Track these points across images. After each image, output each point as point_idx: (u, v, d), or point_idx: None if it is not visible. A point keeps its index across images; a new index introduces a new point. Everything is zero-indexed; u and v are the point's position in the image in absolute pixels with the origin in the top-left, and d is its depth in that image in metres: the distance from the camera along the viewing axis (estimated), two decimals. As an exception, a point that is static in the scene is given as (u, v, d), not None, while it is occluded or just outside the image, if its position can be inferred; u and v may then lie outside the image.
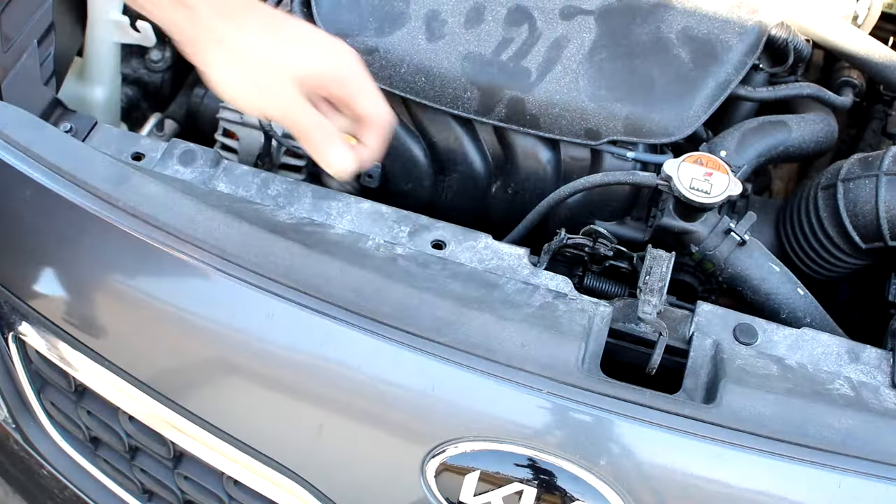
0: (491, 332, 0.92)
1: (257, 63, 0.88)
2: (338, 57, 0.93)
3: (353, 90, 0.93)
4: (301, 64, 0.90)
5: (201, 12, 0.87)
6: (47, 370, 1.17)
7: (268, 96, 0.89)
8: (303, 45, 0.91)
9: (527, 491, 0.91)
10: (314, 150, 0.92)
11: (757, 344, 0.97)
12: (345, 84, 0.93)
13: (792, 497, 0.88)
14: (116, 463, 1.23)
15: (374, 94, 0.95)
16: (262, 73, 0.88)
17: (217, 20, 0.87)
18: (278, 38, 0.90)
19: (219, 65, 0.89)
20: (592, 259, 1.09)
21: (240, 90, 0.89)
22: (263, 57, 0.88)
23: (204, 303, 1.00)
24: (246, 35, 0.88)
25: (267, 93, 0.89)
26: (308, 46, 0.92)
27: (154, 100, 1.59)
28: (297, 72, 0.90)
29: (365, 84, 0.95)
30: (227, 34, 0.87)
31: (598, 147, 1.14)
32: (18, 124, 1.07)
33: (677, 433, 0.88)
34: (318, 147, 0.92)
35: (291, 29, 0.91)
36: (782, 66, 1.24)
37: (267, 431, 1.01)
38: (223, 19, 0.87)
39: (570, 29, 1.16)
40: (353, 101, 0.94)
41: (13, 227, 1.09)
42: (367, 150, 0.96)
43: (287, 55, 0.90)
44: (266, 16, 0.91)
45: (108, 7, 1.44)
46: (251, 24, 0.89)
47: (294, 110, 0.90)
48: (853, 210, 1.12)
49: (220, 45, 0.88)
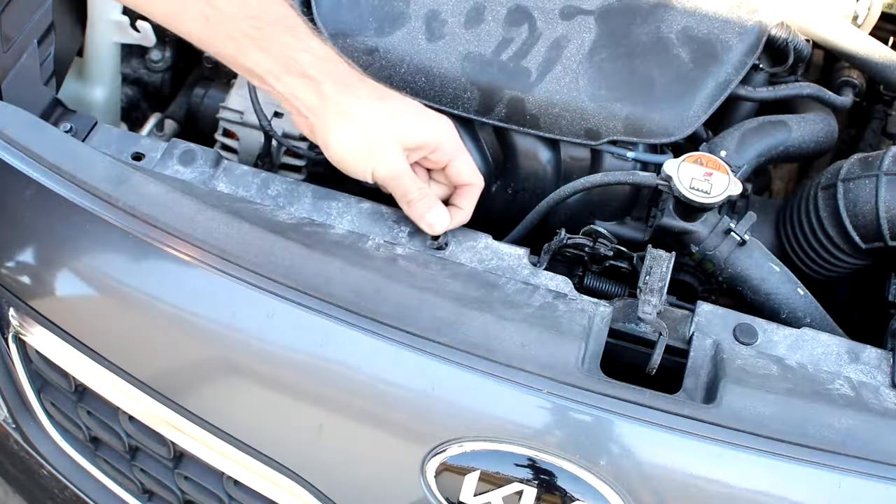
0: (491, 332, 0.92)
1: (373, 130, 0.98)
2: (438, 126, 1.03)
3: (450, 158, 1.04)
4: (408, 132, 1.00)
5: (325, 85, 0.97)
6: (47, 370, 1.17)
7: (380, 160, 0.99)
8: (408, 116, 1.01)
9: (527, 491, 0.91)
10: (416, 211, 1.02)
11: (757, 344, 0.97)
12: (444, 152, 1.03)
13: (792, 497, 0.88)
14: (116, 463, 1.23)
15: (469, 161, 1.06)
16: (375, 140, 0.98)
17: (338, 92, 0.97)
18: (387, 108, 0.99)
19: (338, 132, 0.98)
20: (592, 259, 1.09)
21: (355, 155, 0.99)
22: (378, 125, 0.98)
23: (204, 303, 1.00)
24: (362, 105, 0.98)
25: (380, 157, 0.99)
26: (413, 117, 1.02)
27: (154, 100, 1.59)
28: (405, 139, 1.00)
29: (461, 152, 1.05)
30: (346, 104, 0.97)
31: (598, 147, 1.14)
32: (18, 124, 1.07)
33: (677, 433, 0.88)
34: (420, 209, 1.02)
35: (395, 100, 1.01)
36: (782, 66, 1.24)
37: (267, 431, 1.01)
38: (343, 91, 0.98)
39: (570, 29, 1.16)
40: (450, 167, 1.04)
41: (13, 227, 1.09)
42: (462, 212, 1.06)
43: (397, 124, 1.00)
44: (374, 88, 1.01)
45: (108, 7, 1.44)
46: (365, 96, 0.99)
47: (402, 173, 1.00)
48: (853, 210, 1.12)
49: (340, 113, 0.97)
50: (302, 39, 0.98)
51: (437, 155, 1.03)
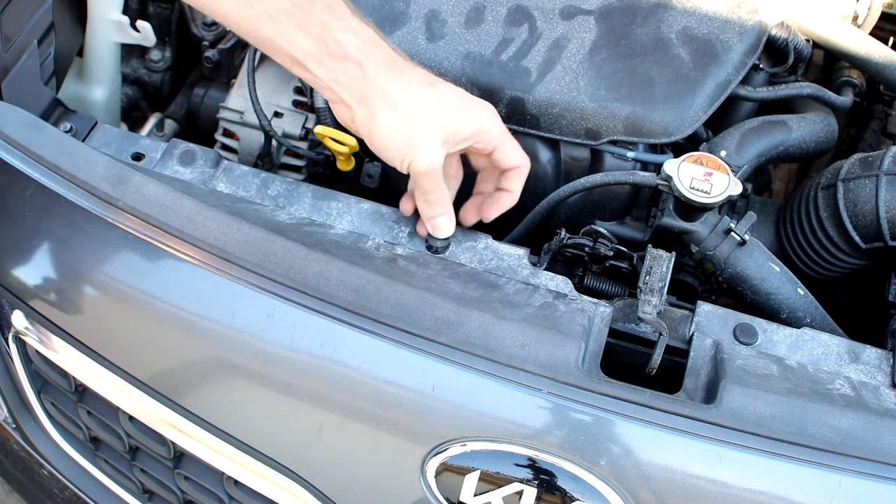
0: (491, 332, 0.92)
1: (418, 121, 0.94)
2: (483, 116, 1.01)
3: (496, 144, 1.02)
4: (454, 125, 0.97)
5: (369, 68, 0.93)
6: (47, 370, 1.17)
7: (420, 154, 0.95)
8: (455, 107, 0.98)
9: (527, 491, 0.91)
10: (430, 210, 1.01)
11: (757, 344, 0.97)
12: (489, 140, 1.01)
13: (792, 497, 0.88)
14: (116, 463, 1.23)
15: (514, 145, 1.04)
16: (420, 132, 0.95)
17: (385, 77, 0.93)
18: (436, 97, 0.96)
19: (384, 120, 0.94)
20: (592, 259, 1.09)
21: (397, 144, 0.95)
22: (424, 116, 0.95)
23: (204, 303, 1.00)
24: (411, 93, 0.94)
25: (420, 150, 0.95)
26: (459, 108, 0.99)
27: (154, 100, 1.59)
28: (450, 132, 0.97)
29: (507, 138, 1.03)
30: (393, 92, 0.94)
31: (598, 147, 1.14)
32: (18, 124, 1.07)
33: (677, 433, 0.88)
34: (435, 210, 1.01)
35: (443, 89, 0.98)
36: (782, 66, 1.24)
37: (267, 431, 1.01)
38: (390, 76, 0.94)
39: (570, 29, 1.16)
40: (496, 152, 1.03)
41: (13, 226, 1.09)
42: (511, 196, 1.06)
43: (444, 112, 0.96)
44: (422, 74, 0.97)
45: (108, 7, 1.44)
46: (414, 82, 0.95)
47: (436, 170, 0.97)
48: (853, 210, 1.12)
49: (387, 100, 0.94)
50: (343, 19, 0.94)
51: (483, 144, 1.02)
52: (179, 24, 1.53)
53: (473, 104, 1.01)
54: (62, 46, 1.31)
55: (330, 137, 1.16)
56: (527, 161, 1.06)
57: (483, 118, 1.01)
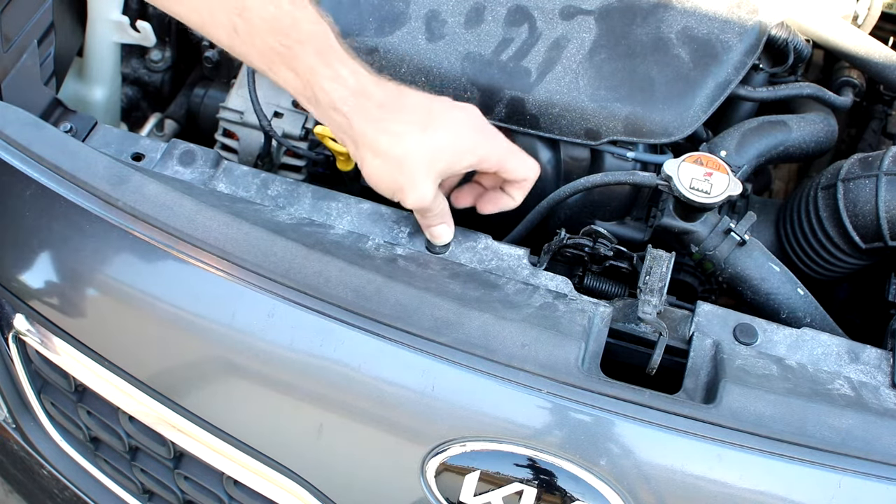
0: (491, 332, 0.92)
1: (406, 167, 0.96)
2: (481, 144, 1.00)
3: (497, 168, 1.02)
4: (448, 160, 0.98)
5: (356, 120, 0.95)
6: (47, 370, 1.17)
7: (409, 193, 0.97)
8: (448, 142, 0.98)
9: (527, 491, 0.91)
10: (427, 223, 1.03)
11: (757, 344, 0.97)
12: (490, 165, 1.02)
13: (792, 497, 0.88)
14: (116, 463, 1.23)
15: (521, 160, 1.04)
16: (409, 175, 0.96)
17: (372, 128, 0.95)
18: (427, 141, 0.96)
19: (369, 161, 0.97)
20: (592, 259, 1.09)
21: (386, 184, 0.98)
22: (412, 162, 0.96)
23: (204, 303, 1.00)
24: (398, 141, 0.95)
25: (409, 190, 0.97)
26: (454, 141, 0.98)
27: (154, 100, 1.59)
28: (443, 167, 0.98)
29: (510, 155, 1.03)
30: (380, 143, 0.95)
31: (598, 147, 1.14)
32: (18, 124, 1.07)
33: (677, 433, 0.88)
34: (432, 223, 1.03)
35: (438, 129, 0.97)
36: (782, 66, 1.24)
37: (267, 431, 1.01)
38: (378, 126, 0.95)
39: (570, 29, 1.16)
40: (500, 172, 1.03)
41: (13, 226, 1.09)
42: (511, 201, 1.07)
43: (436, 155, 0.97)
44: (419, 115, 0.97)
45: (108, 7, 1.44)
46: (402, 131, 0.96)
47: (429, 203, 0.99)
48: (853, 210, 1.12)
49: (373, 149, 0.96)
50: (331, 65, 0.94)
51: (484, 168, 1.02)
52: (179, 25, 1.53)
53: (470, 136, 1.00)
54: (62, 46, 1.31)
55: (330, 137, 1.16)
56: (534, 173, 1.05)
57: (480, 148, 1.00)
